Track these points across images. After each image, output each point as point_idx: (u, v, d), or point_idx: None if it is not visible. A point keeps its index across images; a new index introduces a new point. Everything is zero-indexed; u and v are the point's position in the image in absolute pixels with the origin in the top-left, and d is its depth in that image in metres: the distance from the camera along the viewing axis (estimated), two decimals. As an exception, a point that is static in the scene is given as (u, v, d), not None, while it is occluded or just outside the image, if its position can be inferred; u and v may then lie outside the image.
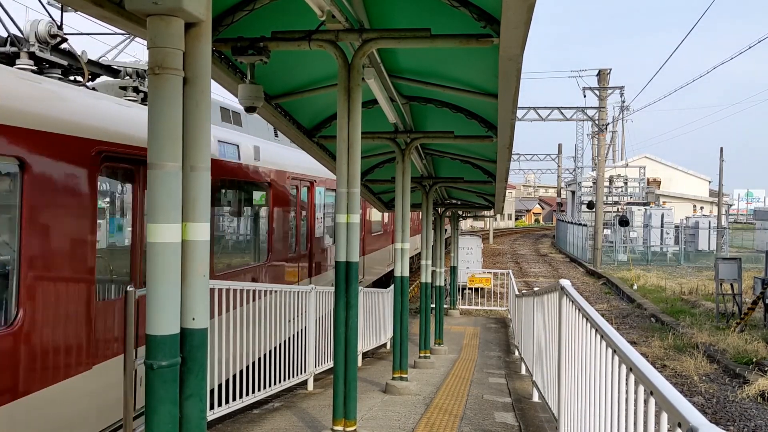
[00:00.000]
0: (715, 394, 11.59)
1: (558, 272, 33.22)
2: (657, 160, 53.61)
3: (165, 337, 2.77)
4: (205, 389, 2.95)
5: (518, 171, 60.23)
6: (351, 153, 5.26)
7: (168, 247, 2.76)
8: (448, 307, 19.93)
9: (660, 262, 36.06)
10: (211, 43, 2.96)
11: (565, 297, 5.00)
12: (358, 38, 4.98)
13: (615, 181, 45.41)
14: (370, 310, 12.03)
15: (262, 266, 10.03)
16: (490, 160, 9.66)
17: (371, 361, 12.04)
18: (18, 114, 4.93)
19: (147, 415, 2.80)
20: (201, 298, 2.89)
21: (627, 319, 19.40)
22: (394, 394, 7.88)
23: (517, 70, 4.93)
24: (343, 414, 5.37)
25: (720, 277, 17.23)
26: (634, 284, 25.75)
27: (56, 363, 5.22)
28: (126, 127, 6.34)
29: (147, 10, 2.68)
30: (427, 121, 8.63)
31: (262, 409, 7.30)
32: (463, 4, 4.45)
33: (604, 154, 36.31)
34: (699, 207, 51.00)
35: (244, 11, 4.72)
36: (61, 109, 5.55)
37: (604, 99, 34.61)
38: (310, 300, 8.42)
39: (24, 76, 5.47)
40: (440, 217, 15.71)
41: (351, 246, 5.33)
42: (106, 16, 3.77)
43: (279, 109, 7.08)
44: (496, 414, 6.99)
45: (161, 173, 2.73)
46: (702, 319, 17.84)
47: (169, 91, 2.73)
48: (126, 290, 4.36)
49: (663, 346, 15.05)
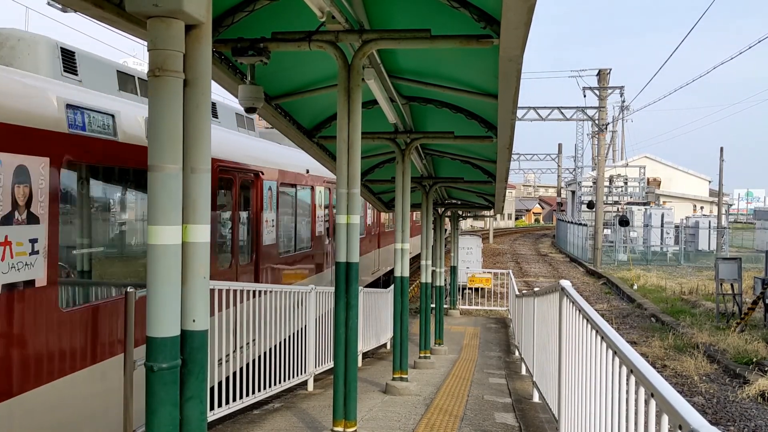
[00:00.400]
0: (715, 394, 11.59)
1: (558, 272, 33.21)
2: (657, 159, 53.61)
3: (165, 339, 2.77)
4: (205, 391, 2.95)
5: (518, 171, 60.39)
6: (351, 153, 5.26)
7: (168, 249, 2.75)
8: (448, 307, 19.93)
9: (660, 262, 36.06)
10: (212, 44, 2.95)
11: (566, 298, 5.00)
12: (358, 39, 4.98)
13: (615, 180, 45.40)
14: (370, 311, 12.02)
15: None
16: (490, 160, 9.66)
17: (371, 362, 12.05)
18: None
19: (147, 417, 2.80)
20: (201, 300, 2.89)
21: (627, 319, 19.39)
22: (395, 395, 7.88)
23: (517, 70, 4.93)
24: (343, 415, 5.37)
25: (720, 277, 17.24)
26: (634, 284, 25.74)
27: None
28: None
29: (147, 12, 2.67)
30: (427, 122, 8.62)
31: (262, 410, 7.30)
32: (463, 5, 4.45)
33: (604, 154, 36.30)
34: (699, 207, 51.00)
35: (244, 12, 4.72)
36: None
37: (604, 99, 34.61)
38: (310, 300, 8.42)
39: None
40: (440, 217, 15.71)
41: (351, 246, 5.33)
42: (107, 18, 3.77)
43: (279, 110, 7.08)
44: (497, 414, 6.98)
45: (161, 175, 2.73)
46: (702, 319, 17.84)
47: (169, 94, 2.73)
48: (126, 291, 4.36)
49: (663, 346, 15.05)
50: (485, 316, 20.52)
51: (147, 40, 2.76)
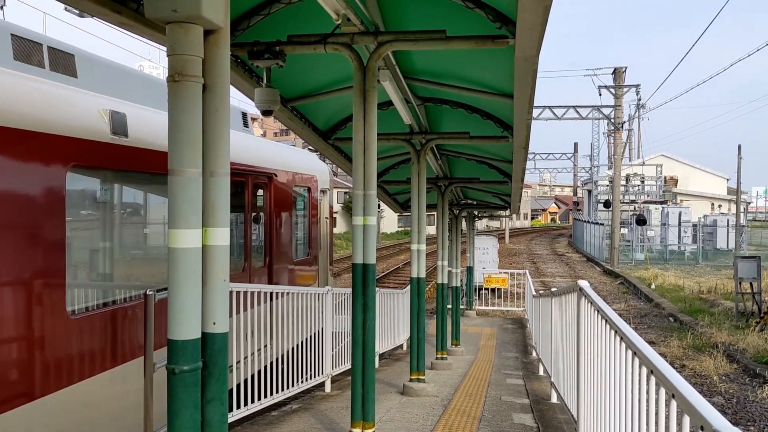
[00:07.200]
0: (735, 394, 11.49)
1: (575, 272, 33.05)
2: (674, 158, 53.23)
3: (186, 342, 2.79)
4: (226, 393, 2.97)
5: (534, 170, 60.00)
6: (367, 155, 5.26)
7: (189, 253, 2.77)
8: (465, 308, 19.89)
9: (678, 261, 35.79)
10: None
11: (584, 298, 4.97)
12: (373, 41, 4.98)
13: (632, 179, 45.15)
14: (386, 312, 12.02)
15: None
16: (506, 161, 9.63)
17: (388, 363, 12.05)
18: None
19: (169, 420, 2.82)
20: (221, 303, 2.91)
21: (645, 319, 19.26)
22: (412, 396, 7.88)
23: (533, 70, 4.91)
24: (361, 416, 5.37)
25: (739, 276, 17.07)
26: (652, 283, 25.56)
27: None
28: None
29: (166, 17, 2.69)
30: (442, 122, 8.61)
31: (280, 411, 7.33)
32: (478, 6, 4.44)
33: (620, 153, 36.08)
34: (717, 205, 50.55)
35: (260, 15, 4.74)
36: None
37: (620, 97, 34.40)
38: (327, 302, 8.44)
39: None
40: (456, 218, 15.68)
41: (368, 248, 5.33)
42: (125, 23, 3.80)
43: (295, 112, 7.11)
44: (515, 415, 6.96)
45: (182, 179, 2.75)
46: (721, 318, 17.68)
47: (189, 98, 2.75)
48: (145, 293, 4.39)
49: (682, 346, 14.93)
50: (502, 316, 20.47)
51: (166, 46, 2.78)
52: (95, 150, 5.38)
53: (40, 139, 4.80)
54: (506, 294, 21.76)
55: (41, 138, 4.81)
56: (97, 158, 5.45)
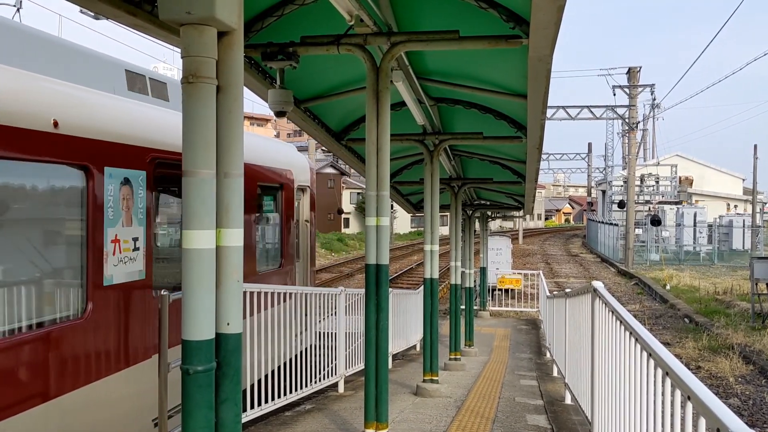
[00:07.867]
0: (751, 395, 11.38)
1: (589, 272, 32.88)
2: (689, 158, 52.84)
3: (200, 342, 2.80)
4: (239, 393, 2.98)
5: (548, 170, 59.78)
6: (380, 156, 5.26)
7: (203, 253, 2.78)
8: (478, 309, 19.85)
9: (693, 262, 35.53)
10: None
11: (598, 299, 4.95)
12: (386, 41, 4.98)
13: (646, 179, 44.89)
14: (399, 312, 12.01)
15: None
16: (520, 161, 9.61)
17: (401, 363, 12.04)
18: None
19: (183, 419, 2.84)
20: (235, 303, 2.92)
21: (660, 320, 19.13)
22: (425, 397, 7.87)
23: (547, 70, 4.90)
24: (374, 417, 5.37)
25: (755, 277, 16.91)
26: (667, 284, 25.39)
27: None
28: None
29: (180, 19, 2.71)
30: (455, 122, 8.60)
31: (293, 411, 7.34)
32: (492, 6, 4.44)
33: (634, 153, 35.89)
34: (732, 205, 50.11)
35: (274, 17, 4.76)
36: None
37: (635, 97, 34.20)
38: (340, 303, 8.45)
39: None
40: (469, 219, 15.65)
41: (381, 249, 5.33)
42: (140, 25, 3.83)
43: (308, 113, 7.12)
44: (528, 417, 6.94)
45: (196, 180, 2.76)
46: (737, 319, 17.53)
47: (203, 100, 2.76)
48: (160, 294, 4.41)
49: (697, 347, 14.82)
50: (515, 317, 20.41)
51: (180, 47, 2.79)
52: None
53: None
54: (520, 295, 21.68)
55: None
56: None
